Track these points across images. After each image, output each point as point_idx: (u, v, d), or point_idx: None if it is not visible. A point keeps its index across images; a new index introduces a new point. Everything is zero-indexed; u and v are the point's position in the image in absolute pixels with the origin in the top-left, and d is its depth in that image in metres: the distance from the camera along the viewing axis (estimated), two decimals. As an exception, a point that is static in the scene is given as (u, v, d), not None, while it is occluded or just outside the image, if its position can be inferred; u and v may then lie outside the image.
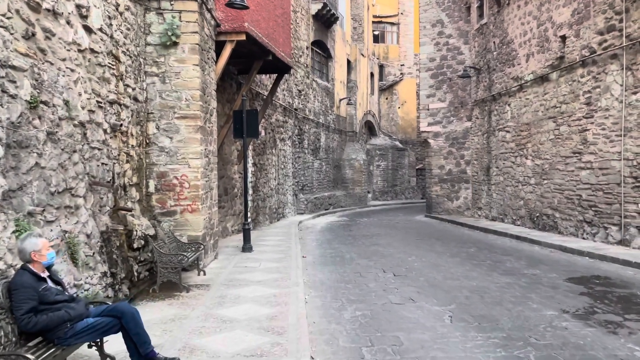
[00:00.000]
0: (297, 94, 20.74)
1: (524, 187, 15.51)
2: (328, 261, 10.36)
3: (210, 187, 9.42)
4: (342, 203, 26.51)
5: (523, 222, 15.54)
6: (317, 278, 8.63)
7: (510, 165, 16.51)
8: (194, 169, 8.50)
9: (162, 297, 6.84)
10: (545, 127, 14.20)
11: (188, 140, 8.48)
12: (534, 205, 14.85)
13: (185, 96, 8.48)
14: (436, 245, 12.67)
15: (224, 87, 13.26)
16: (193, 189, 8.50)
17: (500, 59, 17.11)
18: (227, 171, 13.50)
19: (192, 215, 8.50)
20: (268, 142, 17.11)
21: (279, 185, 18.56)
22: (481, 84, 18.94)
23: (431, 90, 21.14)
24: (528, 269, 9.33)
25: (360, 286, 7.94)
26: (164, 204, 8.47)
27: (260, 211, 16.30)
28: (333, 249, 12.15)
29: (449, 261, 10.19)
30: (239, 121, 10.78)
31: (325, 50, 25.22)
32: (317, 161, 23.97)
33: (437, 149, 20.97)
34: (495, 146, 17.67)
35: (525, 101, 15.47)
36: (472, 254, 11.20)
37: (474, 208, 19.77)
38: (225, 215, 13.31)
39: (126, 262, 6.94)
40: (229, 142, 13.62)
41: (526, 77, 15.32)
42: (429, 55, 21.22)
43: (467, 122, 20.31)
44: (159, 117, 8.46)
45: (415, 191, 35.59)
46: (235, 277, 8.13)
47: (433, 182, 21.17)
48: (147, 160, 8.45)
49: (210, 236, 9.33)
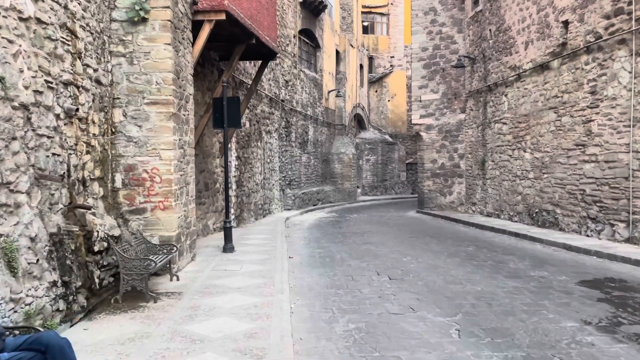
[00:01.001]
0: (284, 85, 19.80)
1: (522, 181, 14.78)
2: (317, 262, 9.52)
3: (186, 181, 8.51)
4: (331, 198, 25.68)
5: (521, 218, 14.84)
6: (305, 282, 7.78)
7: (507, 158, 15.78)
8: (166, 161, 7.57)
9: (124, 308, 5.92)
10: (546, 118, 13.46)
11: (159, 129, 7.55)
12: (533, 201, 14.14)
13: (155, 79, 7.54)
14: (432, 243, 11.89)
15: (204, 74, 12.30)
16: (165, 183, 7.58)
17: (497, 47, 16.34)
18: (208, 165, 12.57)
19: (165, 213, 7.58)
20: (253, 135, 16.19)
21: (265, 180, 17.65)
22: (476, 74, 18.18)
23: (423, 81, 20.33)
24: (534, 270, 8.56)
25: (353, 292, 7.11)
26: (132, 200, 7.54)
27: (245, 207, 15.39)
28: (322, 248, 11.30)
29: (448, 262, 9.40)
30: (219, 110, 9.85)
31: (313, 39, 24.27)
32: (305, 155, 23.07)
33: (430, 142, 20.20)
34: (490, 139, 16.93)
35: (523, 91, 14.72)
36: (472, 253, 10.43)
37: (468, 203, 19.06)
38: (206, 212, 12.39)
39: (84, 268, 6.01)
40: (210, 133, 12.68)
41: (525, 66, 14.57)
42: (421, 44, 20.39)
43: (461, 114, 19.55)
44: (126, 102, 7.51)
45: (406, 186, 34.85)
46: (212, 282, 7.23)
47: (425, 176, 20.40)
48: (113, 151, 7.50)
49: (186, 236, 8.42)
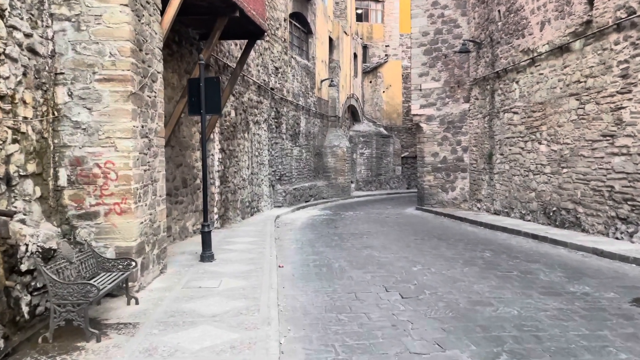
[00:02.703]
0: (273, 72, 18.23)
1: (537, 176, 13.40)
2: (312, 273, 8.05)
3: (153, 178, 6.98)
4: (323, 194, 24.21)
5: (535, 217, 13.47)
6: (298, 303, 6.31)
7: (518, 151, 14.39)
8: (124, 154, 6.04)
9: (54, 351, 4.40)
10: (566, 106, 12.07)
11: (114, 113, 6.01)
12: (550, 198, 12.77)
13: (109, 50, 5.99)
14: (441, 247, 10.47)
15: (182, 55, 10.74)
16: (123, 181, 6.05)
17: (507, 29, 14.91)
18: (187, 158, 11.02)
19: (122, 218, 6.06)
20: (239, 125, 14.64)
21: (252, 175, 16.13)
22: (482, 60, 16.75)
23: (424, 69, 18.87)
24: (572, 283, 7.17)
25: (359, 317, 5.66)
26: (81, 202, 6.01)
27: (230, 205, 13.87)
28: (317, 253, 9.84)
29: (466, 272, 7.98)
30: (195, 92, 8.30)
31: (305, 24, 22.69)
32: (297, 148, 21.55)
33: (431, 134, 18.77)
34: (499, 130, 15.53)
35: (538, 77, 13.31)
36: (490, 260, 9.02)
37: (473, 200, 17.68)
38: (184, 212, 10.86)
39: (2, 295, 4.50)
40: (188, 122, 11.13)
41: (540, 49, 13.15)
42: (421, 28, 18.91)
43: (465, 103, 18.13)
44: (73, 79, 5.96)
45: (401, 181, 33.47)
46: (180, 307, 5.73)
47: (425, 171, 18.98)
48: (56, 140, 5.96)
49: (152, 245, 6.91)
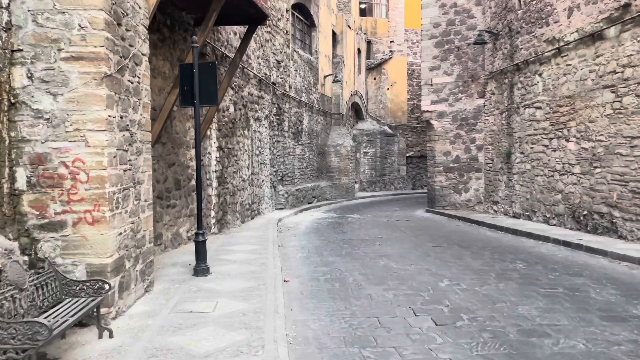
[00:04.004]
0: (275, 65, 17.10)
1: (564, 177, 12.28)
2: (323, 290, 6.91)
3: (136, 179, 5.84)
4: (327, 195, 23.07)
5: (561, 222, 12.33)
6: (311, 332, 5.18)
7: (541, 150, 13.26)
8: (97, 150, 4.91)
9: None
10: (599, 99, 10.94)
11: (85, 99, 4.88)
12: (579, 201, 11.64)
13: (79, 21, 4.86)
14: (465, 256, 9.34)
15: (175, 41, 9.61)
16: (95, 183, 4.92)
17: (528, 18, 13.78)
18: (180, 156, 9.88)
19: (94, 228, 4.93)
20: (239, 121, 13.51)
21: (253, 176, 15.00)
22: (499, 51, 15.62)
23: (435, 62, 17.75)
24: (632, 304, 6.03)
25: (389, 355, 4.52)
26: (43, 209, 4.88)
27: (229, 208, 12.74)
28: (327, 264, 8.70)
29: (503, 289, 6.85)
30: (188, 80, 7.16)
31: (308, 17, 21.56)
32: (299, 147, 20.41)
33: (442, 131, 17.64)
34: (519, 127, 14.40)
35: (565, 68, 12.18)
36: (526, 273, 7.89)
37: (488, 202, 16.55)
38: (177, 217, 9.72)
39: None
40: (182, 116, 10.00)
41: (567, 37, 12.03)
42: (432, 19, 17.79)
43: (479, 99, 17.00)
44: (33, 57, 4.83)
45: (406, 181, 32.34)
46: (165, 342, 4.58)
47: (437, 171, 17.86)
48: (12, 133, 4.83)
49: (135, 259, 5.77)
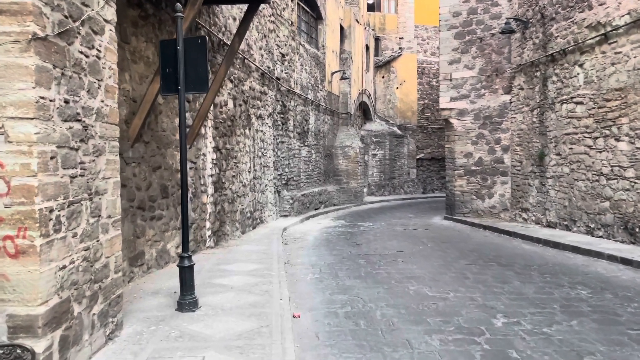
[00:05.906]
0: (279, 59, 15.55)
1: (612, 181, 10.65)
2: (344, 332, 5.31)
3: (92, 189, 4.26)
4: (334, 200, 21.48)
5: (609, 233, 10.70)
6: (335, 410, 3.60)
7: (583, 150, 11.65)
8: (21, 147, 3.34)
9: None
10: (660, 91, 9.35)
11: (3, 73, 3.32)
12: (633, 210, 10.01)
13: (-7, -43, 3.30)
14: (511, 278, 7.72)
15: (160, 20, 8.05)
16: (19, 197, 3.34)
17: (565, 2, 12.18)
18: (167, 158, 8.30)
19: (18, 263, 3.34)
20: (239, 119, 11.94)
21: (255, 180, 13.42)
22: (529, 41, 14.01)
23: (455, 55, 16.16)
24: None
25: None
26: (-58, 235, 3.31)
27: (227, 218, 11.15)
28: (344, 290, 7.10)
29: (581, 332, 5.23)
30: (171, 61, 5.58)
31: (314, 8, 20.02)
32: (305, 148, 18.83)
33: (463, 131, 16.04)
34: (555, 125, 12.78)
35: (613, 57, 10.58)
36: (597, 305, 6.27)
37: (516, 209, 14.92)
38: (163, 231, 8.13)
39: None
40: (170, 111, 8.43)
41: (617, 21, 10.43)
42: (452, 8, 16.21)
43: (505, 95, 15.40)
44: None
45: (416, 185, 30.68)
46: None
47: (457, 174, 16.25)
48: None
49: (91, 299, 4.18)
